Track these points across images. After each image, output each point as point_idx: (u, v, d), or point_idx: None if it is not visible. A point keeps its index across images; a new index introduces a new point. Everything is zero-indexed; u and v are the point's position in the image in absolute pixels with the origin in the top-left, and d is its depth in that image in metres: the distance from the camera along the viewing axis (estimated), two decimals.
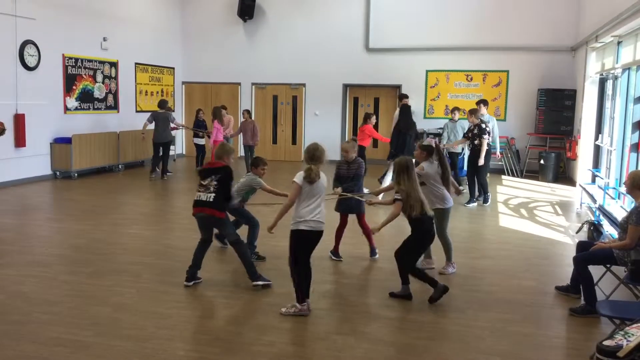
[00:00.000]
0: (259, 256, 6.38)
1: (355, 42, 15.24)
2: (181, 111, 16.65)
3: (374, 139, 12.10)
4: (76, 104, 12.60)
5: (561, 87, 13.75)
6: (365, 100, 15.83)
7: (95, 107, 13.22)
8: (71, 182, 11.69)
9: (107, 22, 13.34)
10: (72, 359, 4.04)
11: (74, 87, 12.51)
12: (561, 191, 11.71)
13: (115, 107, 13.89)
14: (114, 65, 13.74)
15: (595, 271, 5.13)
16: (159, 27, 15.51)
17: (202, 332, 4.61)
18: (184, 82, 16.75)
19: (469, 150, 10.12)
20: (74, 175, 12.00)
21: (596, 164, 11.14)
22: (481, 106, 10.62)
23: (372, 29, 15.05)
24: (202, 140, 13.58)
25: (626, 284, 4.96)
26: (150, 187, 11.56)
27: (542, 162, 13.12)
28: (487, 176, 10.21)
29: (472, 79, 14.72)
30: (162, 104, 12.62)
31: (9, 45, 10.69)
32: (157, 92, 15.50)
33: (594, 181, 10.17)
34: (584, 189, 9.31)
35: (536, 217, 9.19)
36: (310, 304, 4.95)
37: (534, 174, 13.56)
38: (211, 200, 5.36)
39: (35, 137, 11.29)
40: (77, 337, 4.38)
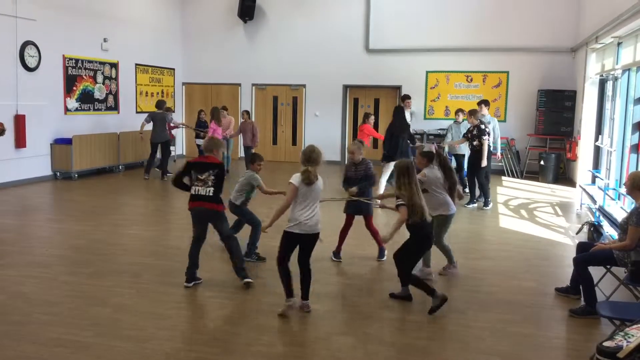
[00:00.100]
0: (259, 257, 6.39)
1: (355, 43, 15.25)
2: (181, 112, 16.66)
3: (373, 138, 12.11)
4: (76, 105, 12.61)
5: (561, 88, 13.75)
6: (365, 101, 15.83)
7: (95, 108, 13.22)
8: (71, 182, 11.69)
9: (107, 23, 13.34)
10: None
11: (75, 88, 12.52)
12: (561, 192, 11.71)
13: (115, 108, 13.89)
14: (115, 66, 13.75)
15: (595, 272, 5.13)
16: (159, 28, 15.52)
17: (202, 333, 4.61)
18: (184, 83, 16.75)
19: (470, 150, 10.11)
20: (74, 176, 12.00)
21: (596, 165, 11.14)
22: (482, 107, 10.58)
23: (372, 30, 15.06)
24: (203, 140, 13.57)
25: (626, 285, 4.96)
26: (150, 188, 11.57)
27: (542, 163, 13.13)
28: (489, 180, 10.11)
29: (472, 80, 14.72)
30: (160, 105, 12.66)
31: (9, 46, 10.69)
32: (158, 93, 15.50)
33: (594, 182, 10.16)
34: (584, 190, 9.31)
35: (536, 218, 9.19)
36: (310, 305, 4.96)
37: (534, 174, 13.56)
38: (211, 194, 5.39)
39: (35, 137, 11.29)
40: (77, 337, 4.38)
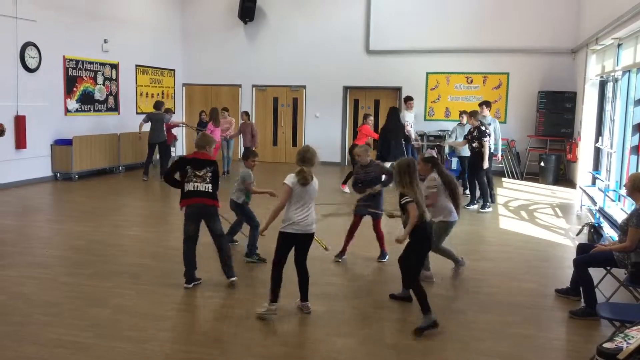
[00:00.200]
0: (260, 258, 6.39)
1: (355, 44, 15.25)
2: (182, 113, 16.66)
3: (374, 139, 12.08)
4: (77, 106, 12.61)
5: (561, 90, 13.75)
6: (365, 102, 15.84)
7: (95, 109, 13.22)
8: (72, 183, 11.69)
9: (107, 24, 13.35)
10: None
11: (75, 89, 12.52)
12: (561, 193, 11.71)
13: (115, 109, 13.90)
14: (115, 67, 13.75)
15: (595, 273, 5.13)
16: (159, 29, 15.52)
17: (201, 334, 4.61)
18: (184, 84, 16.76)
19: (470, 152, 10.10)
20: (75, 176, 11.99)
21: (596, 167, 11.14)
22: (483, 108, 10.56)
23: (373, 31, 15.06)
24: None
25: (626, 286, 4.96)
26: (150, 189, 11.57)
27: (542, 164, 13.13)
28: (492, 183, 10.06)
29: (472, 81, 14.72)
30: (158, 105, 12.65)
31: (9, 46, 10.70)
32: (158, 94, 15.50)
33: (594, 183, 10.16)
34: (584, 192, 9.31)
35: (536, 219, 9.19)
36: (309, 306, 4.97)
37: (534, 176, 13.55)
38: (210, 190, 5.40)
39: (35, 138, 11.29)
40: (77, 338, 4.38)
